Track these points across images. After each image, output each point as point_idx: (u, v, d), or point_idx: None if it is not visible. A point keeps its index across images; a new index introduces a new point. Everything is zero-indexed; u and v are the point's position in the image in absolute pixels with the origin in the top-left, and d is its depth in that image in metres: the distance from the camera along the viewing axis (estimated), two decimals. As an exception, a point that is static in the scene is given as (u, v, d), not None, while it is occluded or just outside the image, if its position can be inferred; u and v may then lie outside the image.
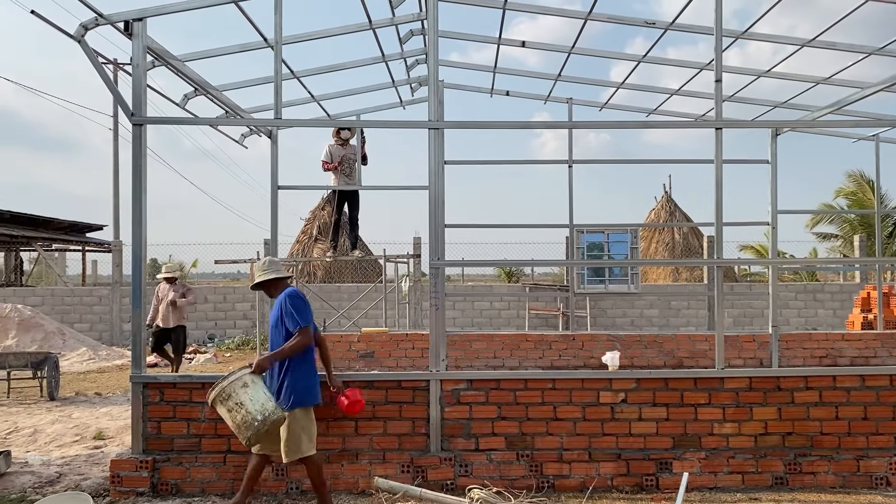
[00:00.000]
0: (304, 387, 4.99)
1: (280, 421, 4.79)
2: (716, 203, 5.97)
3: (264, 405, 4.70)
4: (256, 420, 4.66)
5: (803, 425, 5.75)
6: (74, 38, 5.35)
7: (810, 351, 9.79)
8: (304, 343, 4.94)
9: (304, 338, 4.93)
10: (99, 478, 6.08)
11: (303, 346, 4.95)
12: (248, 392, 4.74)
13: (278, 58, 6.11)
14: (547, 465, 5.62)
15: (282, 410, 4.77)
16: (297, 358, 4.99)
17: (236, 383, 4.76)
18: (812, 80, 8.18)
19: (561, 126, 7.57)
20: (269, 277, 5.19)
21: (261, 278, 5.20)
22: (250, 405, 4.70)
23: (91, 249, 26.99)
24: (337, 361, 9.32)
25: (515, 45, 8.42)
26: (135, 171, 5.64)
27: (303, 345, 4.94)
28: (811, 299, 18.26)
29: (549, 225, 12.08)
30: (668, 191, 25.15)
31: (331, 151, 10.49)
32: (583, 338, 9.77)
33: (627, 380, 5.77)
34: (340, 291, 17.89)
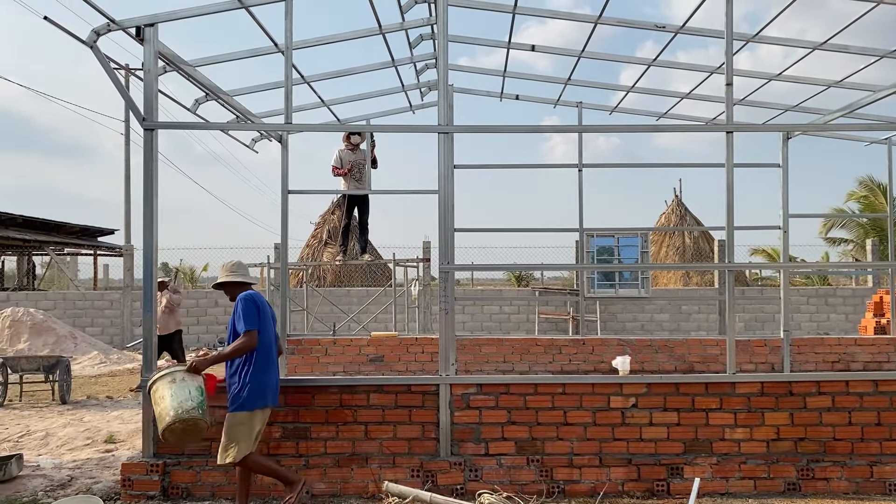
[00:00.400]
0: (251, 390, 4.94)
1: (200, 425, 4.76)
2: (727, 207, 5.94)
3: (181, 403, 4.71)
4: (168, 416, 4.70)
5: (816, 431, 5.71)
6: (87, 43, 5.39)
7: (822, 356, 9.71)
8: (247, 346, 4.89)
9: (248, 341, 4.88)
10: (110, 481, 6.11)
11: (245, 349, 4.90)
12: (172, 388, 4.78)
13: (289, 63, 6.13)
14: (557, 470, 5.60)
15: (200, 414, 4.74)
16: (247, 361, 4.96)
17: (166, 377, 4.83)
18: (824, 84, 8.14)
19: (571, 130, 7.55)
20: (229, 280, 5.19)
21: (222, 279, 5.21)
22: (170, 401, 4.74)
23: (102, 253, 27.17)
24: (346, 365, 9.34)
25: (525, 49, 8.42)
26: (146, 175, 5.67)
27: (245, 347, 4.89)
28: (823, 304, 18.15)
29: (559, 229, 12.08)
30: (678, 194, 25.06)
31: (341, 156, 10.52)
32: (593, 342, 9.73)
33: (638, 384, 5.75)
34: (350, 295, 17.92)
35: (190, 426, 4.75)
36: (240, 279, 5.23)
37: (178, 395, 4.74)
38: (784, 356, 7.94)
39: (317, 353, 9.31)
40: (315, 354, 9.30)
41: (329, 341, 9.44)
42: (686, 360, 9.50)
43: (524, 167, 10.80)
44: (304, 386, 5.74)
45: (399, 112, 10.01)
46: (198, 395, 4.80)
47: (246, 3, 5.85)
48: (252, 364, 4.98)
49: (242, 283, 5.25)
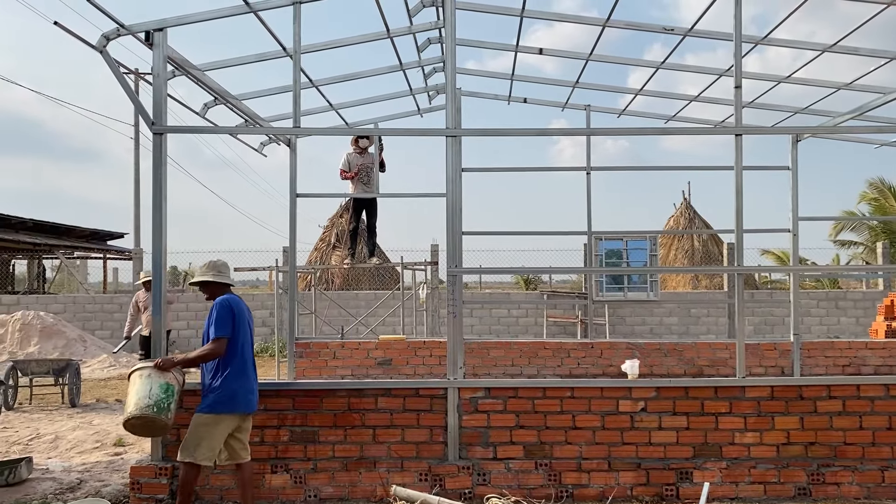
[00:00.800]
0: (219, 395, 4.92)
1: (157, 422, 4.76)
2: (736, 210, 5.92)
3: (139, 400, 4.75)
4: (127, 410, 4.77)
5: (826, 435, 5.67)
6: (96, 48, 5.41)
7: (833, 360, 9.65)
8: (213, 353, 4.89)
9: (215, 348, 4.88)
10: (119, 484, 6.13)
11: (211, 357, 4.90)
12: (138, 384, 4.84)
13: (297, 67, 6.15)
14: (566, 474, 5.58)
15: (155, 412, 4.74)
16: (222, 365, 4.95)
17: (138, 371, 4.91)
18: (833, 86, 8.10)
19: (579, 133, 7.55)
20: (207, 280, 5.13)
21: (201, 279, 5.15)
22: (132, 396, 4.81)
23: (112, 257, 27.30)
24: (355, 369, 9.34)
25: (533, 52, 8.42)
26: (155, 179, 5.69)
27: (212, 355, 4.89)
28: (833, 307, 18.05)
29: (567, 232, 12.05)
30: (687, 197, 24.99)
31: (349, 160, 10.54)
32: (601, 346, 9.70)
33: (647, 388, 5.72)
34: (358, 299, 17.93)
35: (148, 422, 4.78)
36: (220, 280, 5.16)
37: (139, 391, 4.81)
38: (794, 360, 7.90)
39: (325, 356, 9.31)
40: (323, 358, 9.30)
41: (337, 345, 9.44)
42: (695, 364, 9.46)
43: (532, 170, 10.78)
44: (312, 389, 5.74)
45: (407, 115, 10.02)
46: (159, 392, 4.81)
47: (255, 7, 5.87)
48: (226, 369, 4.95)
49: (222, 284, 5.19)
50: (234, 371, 4.97)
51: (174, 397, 4.88)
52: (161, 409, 4.78)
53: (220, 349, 4.90)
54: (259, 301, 18.83)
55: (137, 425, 4.80)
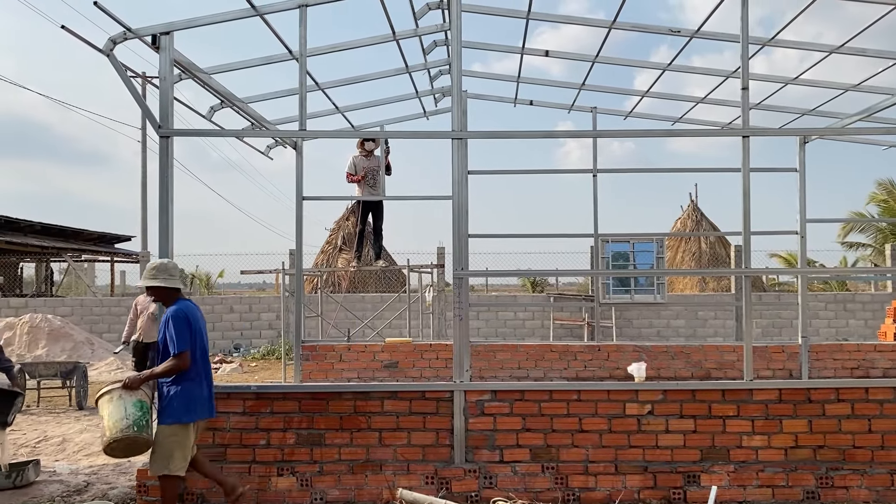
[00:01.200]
0: (184, 403, 4.91)
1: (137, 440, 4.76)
2: (743, 212, 5.89)
3: (116, 423, 4.74)
4: (106, 435, 4.75)
5: (835, 438, 5.63)
6: (103, 52, 5.43)
7: (841, 362, 9.60)
8: (179, 368, 4.87)
9: (180, 363, 4.86)
10: (126, 487, 6.14)
11: (176, 371, 4.88)
12: (109, 407, 4.82)
13: (303, 69, 6.16)
14: (572, 477, 5.56)
15: (136, 431, 4.73)
16: (183, 375, 4.93)
17: (106, 396, 4.87)
18: (841, 87, 8.06)
19: (585, 135, 7.54)
20: (153, 284, 5.04)
21: (152, 283, 5.04)
22: (107, 420, 4.79)
23: (119, 260, 27.40)
24: (361, 372, 9.34)
25: (539, 54, 8.41)
26: (161, 182, 5.71)
27: (177, 369, 4.87)
28: (842, 309, 17.96)
29: (573, 234, 12.09)
30: (694, 199, 24.95)
31: (355, 163, 10.55)
32: (608, 348, 9.68)
33: (654, 391, 5.70)
34: (364, 301, 17.93)
35: (130, 443, 4.77)
36: (170, 285, 5.07)
37: (114, 415, 4.78)
38: (802, 362, 7.86)
39: (331, 359, 9.31)
40: (329, 360, 9.30)
41: (343, 347, 9.45)
42: (702, 367, 9.43)
43: (538, 173, 10.77)
44: (318, 392, 5.74)
45: (413, 118, 10.02)
46: (134, 411, 4.80)
47: (261, 10, 5.88)
48: (185, 378, 4.94)
49: (172, 289, 5.10)
50: (193, 379, 4.97)
51: (149, 413, 4.87)
52: (141, 427, 4.77)
53: (185, 363, 4.88)
54: (265, 304, 18.85)
55: (119, 447, 4.79)
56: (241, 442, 5.59)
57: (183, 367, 4.89)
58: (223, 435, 5.60)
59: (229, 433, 5.60)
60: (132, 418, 4.77)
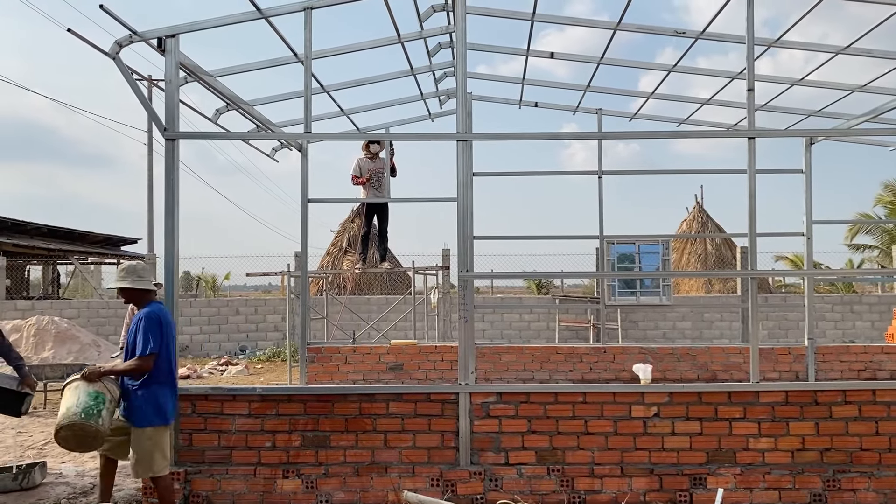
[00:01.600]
0: (154, 406, 4.93)
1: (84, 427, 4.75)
2: (749, 213, 5.87)
3: (67, 409, 4.80)
4: (60, 422, 4.79)
5: (842, 440, 5.61)
6: (109, 55, 5.45)
7: (848, 364, 9.56)
8: (142, 369, 4.88)
9: (143, 364, 4.86)
10: (132, 489, 6.15)
11: (139, 371, 4.89)
12: (66, 396, 4.90)
13: (308, 72, 6.17)
14: (578, 480, 5.54)
15: (83, 418, 4.74)
16: (152, 376, 4.93)
17: (66, 388, 4.98)
18: (847, 88, 8.05)
19: (590, 137, 7.53)
20: (122, 286, 5.06)
21: (123, 285, 5.06)
22: (63, 407, 4.86)
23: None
24: (366, 374, 9.34)
25: (544, 56, 8.41)
26: (167, 185, 5.72)
27: (140, 370, 4.88)
28: (848, 311, 17.88)
29: (579, 236, 12.03)
30: (699, 201, 24.87)
31: (360, 165, 10.57)
32: (614, 350, 9.66)
33: (660, 393, 5.69)
34: (370, 303, 17.94)
35: (77, 431, 4.77)
36: (139, 286, 5.08)
37: (67, 403, 4.85)
38: (809, 364, 7.84)
39: (336, 361, 9.32)
40: (335, 362, 9.31)
41: (349, 349, 9.45)
42: (709, 369, 9.40)
43: (543, 174, 10.77)
44: (323, 394, 5.74)
45: (418, 120, 10.04)
46: (87, 399, 4.81)
47: (266, 13, 5.89)
48: (156, 381, 4.95)
49: (146, 290, 5.11)
50: (162, 383, 4.99)
51: (105, 405, 4.84)
52: (90, 415, 4.75)
53: (148, 365, 4.89)
54: (271, 306, 18.88)
55: (68, 436, 4.79)
56: (247, 444, 5.60)
57: (146, 369, 4.88)
58: (229, 437, 5.61)
59: (235, 435, 5.60)
60: (82, 406, 4.79)
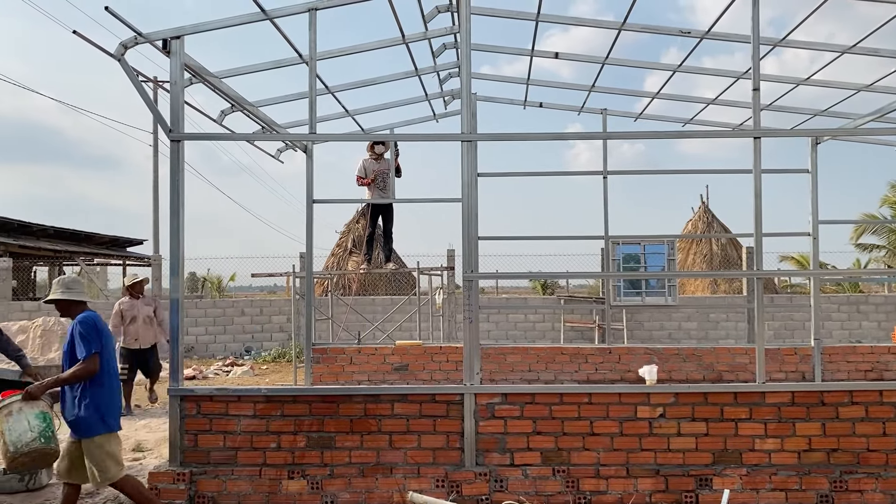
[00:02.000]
0: (99, 413, 4.84)
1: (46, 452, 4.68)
2: (755, 213, 5.86)
3: (20, 436, 4.65)
4: (9, 451, 4.64)
5: (849, 441, 5.58)
6: (115, 56, 5.47)
7: (855, 364, 9.53)
8: (89, 371, 4.78)
9: (90, 365, 4.77)
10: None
11: (86, 374, 4.79)
12: (9, 422, 4.70)
13: (313, 73, 6.17)
14: (583, 480, 5.53)
15: (43, 443, 4.64)
16: (94, 384, 4.85)
17: (2, 411, 4.73)
18: (853, 88, 8.02)
19: (595, 137, 7.52)
20: (64, 297, 5.05)
21: (58, 297, 5.05)
22: (7, 436, 4.67)
23: (131, 263, 27.50)
24: (371, 374, 9.34)
25: (549, 56, 8.40)
26: (172, 186, 5.73)
27: (88, 372, 4.78)
28: (855, 311, 17.82)
29: (583, 236, 12.00)
30: (705, 201, 24.81)
31: (365, 166, 10.57)
32: (619, 351, 9.64)
33: (666, 394, 5.67)
34: (374, 304, 17.95)
35: (37, 456, 4.68)
36: (72, 297, 5.07)
37: (15, 430, 4.67)
38: (815, 365, 7.80)
39: (342, 361, 9.32)
40: (340, 363, 9.31)
41: (354, 350, 9.45)
42: (714, 369, 9.38)
43: (548, 175, 10.75)
44: (328, 395, 5.74)
45: (422, 121, 10.04)
46: (38, 422, 4.71)
47: (271, 14, 5.90)
48: (98, 385, 4.88)
49: (78, 301, 5.10)
50: (106, 386, 4.94)
51: (52, 423, 4.77)
52: (48, 439, 4.69)
53: (95, 366, 4.80)
54: (276, 307, 18.90)
55: (27, 462, 4.69)
56: (252, 445, 5.60)
57: (93, 371, 4.81)
58: (234, 438, 5.62)
59: (240, 436, 5.61)
60: (37, 430, 4.64)
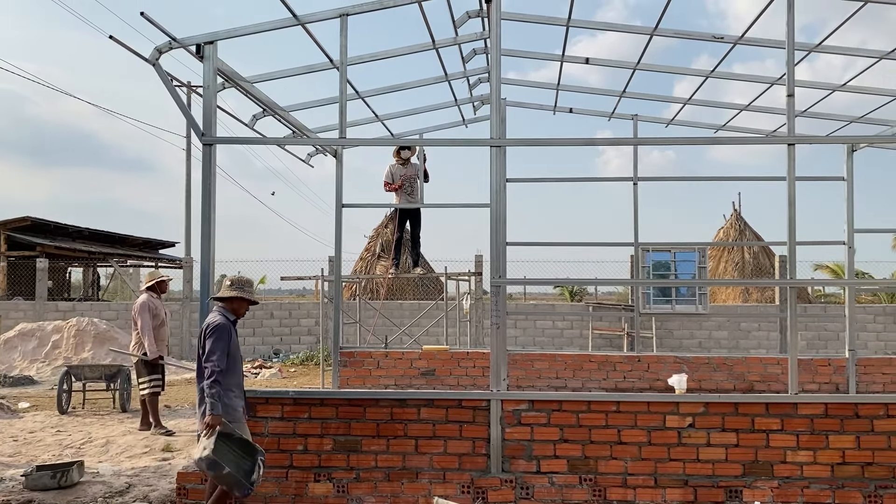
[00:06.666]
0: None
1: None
2: (788, 221, 5.76)
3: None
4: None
5: (884, 455, 5.45)
6: (149, 61, 5.55)
7: (891, 377, 9.30)
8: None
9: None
10: (166, 489, 6.23)
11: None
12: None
13: (343, 78, 6.20)
14: (610, 490, 5.47)
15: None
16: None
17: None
18: (890, 94, 7.86)
19: (626, 143, 7.46)
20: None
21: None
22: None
23: (163, 266, 27.92)
24: (398, 379, 9.35)
25: (579, 62, 8.35)
26: (204, 189, 5.79)
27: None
28: (891, 322, 17.45)
29: (613, 243, 11.88)
30: (737, 209, 24.49)
31: (392, 172, 10.60)
32: (648, 359, 9.54)
33: (695, 404, 5.59)
34: (402, 308, 17.99)
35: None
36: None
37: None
38: (849, 376, 7.65)
39: (369, 365, 9.35)
40: (367, 367, 9.34)
41: (381, 354, 9.47)
42: (745, 379, 9.23)
43: (577, 181, 10.69)
44: (355, 399, 5.75)
45: (452, 126, 10.04)
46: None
47: (302, 20, 5.94)
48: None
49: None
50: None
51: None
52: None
53: None
54: (305, 310, 19.03)
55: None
56: (279, 447, 5.63)
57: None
58: (261, 440, 5.64)
59: (267, 438, 5.64)
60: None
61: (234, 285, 5.17)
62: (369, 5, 6.08)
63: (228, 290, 5.15)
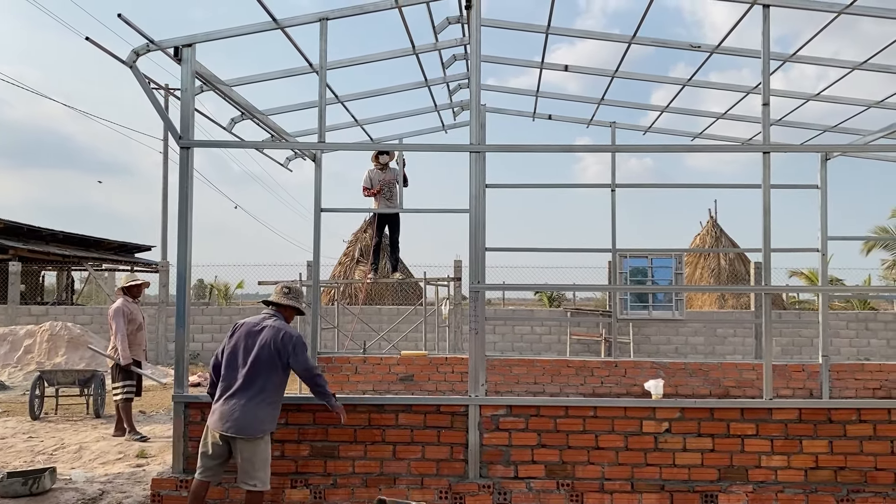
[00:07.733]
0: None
1: None
2: (763, 228, 5.83)
3: None
4: None
5: (856, 460, 5.53)
6: (127, 63, 5.50)
7: (863, 382, 9.44)
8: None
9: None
10: (140, 496, 6.15)
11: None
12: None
13: (323, 82, 6.19)
14: (588, 495, 5.50)
15: None
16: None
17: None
18: (863, 104, 8.00)
19: (604, 149, 7.51)
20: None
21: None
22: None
23: (139, 269, 27.62)
24: (376, 384, 9.32)
25: (559, 69, 8.40)
26: (181, 192, 5.75)
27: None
28: (864, 328, 17.71)
29: (591, 249, 11.93)
30: (713, 216, 24.75)
31: (371, 177, 10.58)
32: (626, 365, 9.60)
33: (672, 409, 5.63)
34: (381, 314, 17.94)
35: None
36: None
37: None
38: (823, 382, 7.74)
39: (347, 371, 9.31)
40: (345, 373, 9.30)
41: (359, 359, 9.44)
42: (721, 385, 9.32)
43: (556, 187, 10.74)
44: (333, 404, 5.72)
45: (431, 131, 10.04)
46: None
47: (282, 23, 5.93)
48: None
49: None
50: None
51: None
52: None
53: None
54: (282, 315, 18.87)
55: None
56: (256, 453, 5.57)
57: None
58: (238, 446, 5.59)
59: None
60: None
61: (292, 294, 5.33)
62: (349, 10, 6.08)
63: (286, 297, 5.28)
